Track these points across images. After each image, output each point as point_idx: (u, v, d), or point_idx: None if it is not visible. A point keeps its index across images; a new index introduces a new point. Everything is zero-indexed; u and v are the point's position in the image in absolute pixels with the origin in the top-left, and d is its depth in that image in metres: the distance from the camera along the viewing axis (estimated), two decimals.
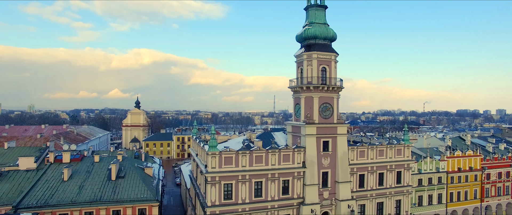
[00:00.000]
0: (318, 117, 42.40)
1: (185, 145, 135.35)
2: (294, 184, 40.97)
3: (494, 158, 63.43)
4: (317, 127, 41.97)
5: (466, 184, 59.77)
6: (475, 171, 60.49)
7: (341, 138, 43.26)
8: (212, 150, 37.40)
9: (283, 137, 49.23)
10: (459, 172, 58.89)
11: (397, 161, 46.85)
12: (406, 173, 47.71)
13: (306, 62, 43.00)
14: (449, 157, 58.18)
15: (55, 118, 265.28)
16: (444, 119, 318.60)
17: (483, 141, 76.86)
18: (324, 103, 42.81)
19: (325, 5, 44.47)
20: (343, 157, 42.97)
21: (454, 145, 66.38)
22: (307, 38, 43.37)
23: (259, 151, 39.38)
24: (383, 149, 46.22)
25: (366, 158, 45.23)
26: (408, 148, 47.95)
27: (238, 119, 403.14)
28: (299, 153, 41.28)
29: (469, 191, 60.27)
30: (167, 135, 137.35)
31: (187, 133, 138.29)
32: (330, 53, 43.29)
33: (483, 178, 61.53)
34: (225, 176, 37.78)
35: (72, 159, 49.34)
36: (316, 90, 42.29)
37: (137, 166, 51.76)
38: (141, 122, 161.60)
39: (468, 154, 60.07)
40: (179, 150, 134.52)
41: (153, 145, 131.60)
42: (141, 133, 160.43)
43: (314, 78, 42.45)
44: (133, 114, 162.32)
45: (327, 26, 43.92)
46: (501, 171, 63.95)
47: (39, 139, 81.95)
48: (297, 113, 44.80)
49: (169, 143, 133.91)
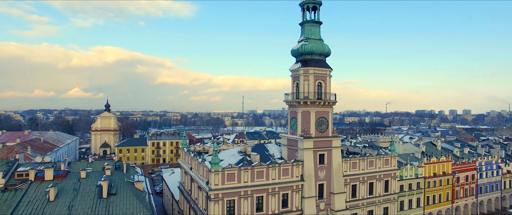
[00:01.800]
0: (315, 131, 43.68)
1: (160, 150, 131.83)
2: (293, 197, 41.90)
3: (462, 162, 69.01)
4: (314, 141, 43.23)
5: (440, 187, 64.48)
6: (447, 175, 65.42)
7: (336, 150, 44.92)
8: (215, 167, 37.20)
9: (277, 149, 49.99)
10: (435, 177, 63.39)
11: (386, 171, 49.55)
12: (392, 182, 50.59)
13: (303, 77, 44.08)
14: (426, 164, 62.39)
15: (7, 120, 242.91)
16: (406, 120, 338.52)
17: (450, 146, 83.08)
18: (320, 117, 44.18)
19: (320, 21, 45.86)
20: (338, 169, 44.65)
21: (429, 151, 71.23)
22: (304, 54, 44.45)
23: (260, 167, 39.81)
24: (373, 159, 48.65)
25: (358, 169, 47.35)
26: (394, 157, 50.85)
27: (208, 120, 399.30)
28: (298, 166, 42.28)
29: (442, 194, 65.06)
30: (142, 140, 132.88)
31: (162, 137, 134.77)
32: (325, 69, 44.75)
33: (454, 182, 66.72)
34: (228, 192, 37.78)
35: (55, 176, 46.47)
36: (313, 105, 43.54)
37: (127, 181, 49.87)
38: (111, 126, 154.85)
39: (441, 160, 64.83)
40: (154, 156, 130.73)
41: (126, 151, 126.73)
42: (112, 137, 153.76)
43: (311, 93, 43.64)
44: (103, 117, 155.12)
45: (322, 42, 45.34)
46: (468, 174, 69.73)
47: (1, 149, 75.56)
48: (293, 126, 45.76)
49: (143, 149, 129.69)
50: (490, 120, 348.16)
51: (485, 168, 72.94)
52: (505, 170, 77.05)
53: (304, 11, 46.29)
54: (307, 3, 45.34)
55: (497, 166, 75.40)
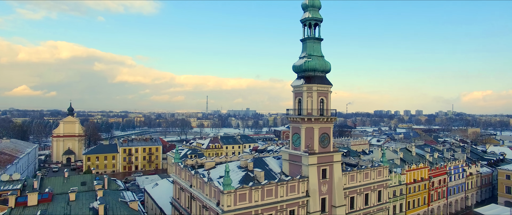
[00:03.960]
0: (318, 147, 44.57)
1: (132, 157, 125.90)
2: (299, 213, 42.37)
3: (436, 168, 74.52)
4: (318, 156, 44.11)
5: (419, 192, 69.07)
6: (424, 181, 70.24)
7: (337, 164, 46.22)
8: (228, 188, 36.50)
9: (276, 163, 50.22)
10: (414, 182, 67.74)
11: (379, 181, 51.96)
12: (384, 191, 53.21)
13: (306, 94, 44.76)
14: (407, 171, 66.46)
15: None
16: (367, 120, 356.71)
17: (421, 150, 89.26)
18: (323, 133, 45.16)
19: (321, 38, 46.83)
20: (339, 183, 45.99)
21: (406, 157, 75.89)
22: (307, 70, 45.12)
23: (270, 185, 39.78)
24: (368, 171, 50.76)
25: (355, 181, 49.14)
26: (386, 168, 53.52)
27: (174, 121, 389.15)
28: (303, 182, 42.87)
29: (420, 198, 69.74)
30: (112, 147, 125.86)
31: (134, 144, 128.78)
32: (327, 86, 45.84)
33: (429, 186, 71.82)
34: (240, 213, 37.23)
35: (40, 200, 42.45)
36: (317, 121, 44.37)
37: (120, 201, 47.04)
38: (76, 132, 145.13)
39: (420, 167, 69.45)
40: (125, 163, 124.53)
41: (95, 159, 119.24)
42: (77, 143, 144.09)
43: (314, 110, 44.45)
44: (66, 122, 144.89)
45: (324, 59, 46.34)
46: (441, 179, 75.46)
47: None
48: (296, 142, 46.25)
49: (114, 156, 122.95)
50: (440, 120, 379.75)
51: (454, 171, 79.41)
52: (468, 172, 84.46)
53: (305, 28, 46.99)
54: (309, 20, 46.05)
55: (462, 169, 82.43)
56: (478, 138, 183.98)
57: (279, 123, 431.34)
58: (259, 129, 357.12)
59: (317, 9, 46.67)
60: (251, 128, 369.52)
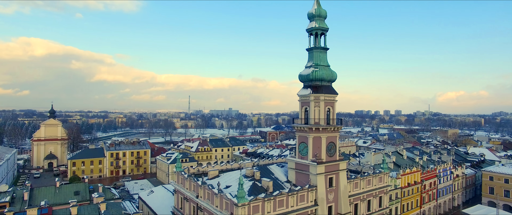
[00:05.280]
0: (325, 156, 45.01)
1: (119, 161, 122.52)
2: None
3: (427, 171, 77.10)
4: (325, 165, 44.56)
5: (412, 195, 71.23)
6: (417, 184, 72.52)
7: (342, 173, 46.87)
8: (242, 200, 36.21)
9: (280, 171, 50.32)
10: (408, 186, 69.82)
11: (380, 187, 53.15)
12: (385, 197, 54.49)
13: (314, 103, 45.07)
14: (402, 175, 68.38)
15: None
16: (349, 120, 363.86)
17: (411, 154, 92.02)
18: (330, 142, 45.64)
19: (327, 48, 47.27)
20: (344, 191, 46.67)
21: (398, 161, 77.98)
22: (314, 80, 45.39)
23: (281, 195, 39.82)
24: (370, 178, 51.81)
25: (359, 188, 50.04)
26: (386, 175, 54.80)
27: (157, 122, 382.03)
28: (312, 191, 43.19)
29: (413, 201, 71.97)
30: (98, 151, 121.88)
31: (121, 147, 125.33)
32: (334, 95, 46.38)
33: (421, 189, 74.22)
34: None
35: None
36: (324, 131, 44.79)
37: (124, 214, 45.65)
38: (58, 135, 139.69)
39: (413, 171, 71.63)
40: (113, 167, 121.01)
41: (81, 164, 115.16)
42: (59, 147, 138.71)
43: (321, 119, 44.83)
44: (48, 125, 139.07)
45: (330, 68, 46.80)
46: (431, 181, 78.16)
47: None
48: (303, 151, 46.45)
49: (101, 160, 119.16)
50: (419, 120, 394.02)
51: (443, 174, 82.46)
52: (455, 174, 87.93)
53: (311, 37, 47.28)
54: (315, 29, 46.37)
55: (450, 171, 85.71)
56: (457, 138, 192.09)
57: (263, 124, 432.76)
58: (244, 129, 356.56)
59: (323, 19, 47.04)
60: (236, 128, 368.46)
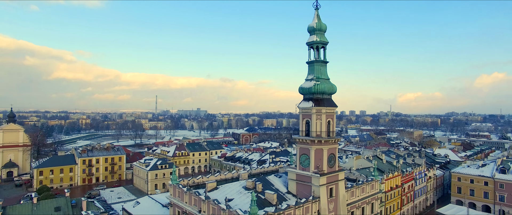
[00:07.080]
0: (327, 167, 46.16)
1: (92, 169, 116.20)
2: None
3: (406, 175, 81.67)
4: (327, 177, 45.71)
5: (394, 199, 75.13)
6: (398, 188, 76.59)
7: (341, 183, 48.35)
8: None
9: (280, 182, 50.76)
10: (391, 190, 73.51)
11: (372, 194, 55.49)
12: (376, 203, 56.97)
13: (315, 116, 46.03)
14: (386, 179, 71.85)
15: None
16: None
17: (388, 157, 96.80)
18: (330, 154, 46.87)
19: (327, 61, 48.45)
20: (343, 200, 48.18)
21: (382, 167, 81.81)
22: (316, 93, 46.36)
23: (289, 209, 40.27)
24: (364, 186, 53.91)
25: (355, 196, 51.90)
26: (377, 182, 57.30)
27: (124, 123, 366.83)
28: (315, 203, 44.12)
29: (395, 204, 75.92)
30: (69, 158, 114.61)
31: (94, 154, 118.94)
32: (334, 108, 47.70)
33: (401, 192, 78.50)
34: None
35: None
36: (326, 143, 45.89)
37: None
38: (20, 141, 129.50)
39: (395, 175, 75.54)
40: (85, 175, 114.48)
41: (49, 172, 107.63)
42: (21, 154, 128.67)
43: (323, 132, 45.89)
44: (7, 130, 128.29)
45: (330, 81, 48.02)
46: (410, 184, 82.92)
47: None
48: (304, 162, 47.20)
49: (71, 168, 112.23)
50: (383, 121, 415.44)
51: (418, 176, 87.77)
52: (428, 176, 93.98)
53: (311, 50, 48.19)
54: (316, 43, 47.34)
55: (424, 174, 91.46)
56: (422, 140, 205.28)
57: (233, 125, 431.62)
58: (215, 131, 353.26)
59: (323, 33, 48.12)
60: (207, 130, 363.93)
